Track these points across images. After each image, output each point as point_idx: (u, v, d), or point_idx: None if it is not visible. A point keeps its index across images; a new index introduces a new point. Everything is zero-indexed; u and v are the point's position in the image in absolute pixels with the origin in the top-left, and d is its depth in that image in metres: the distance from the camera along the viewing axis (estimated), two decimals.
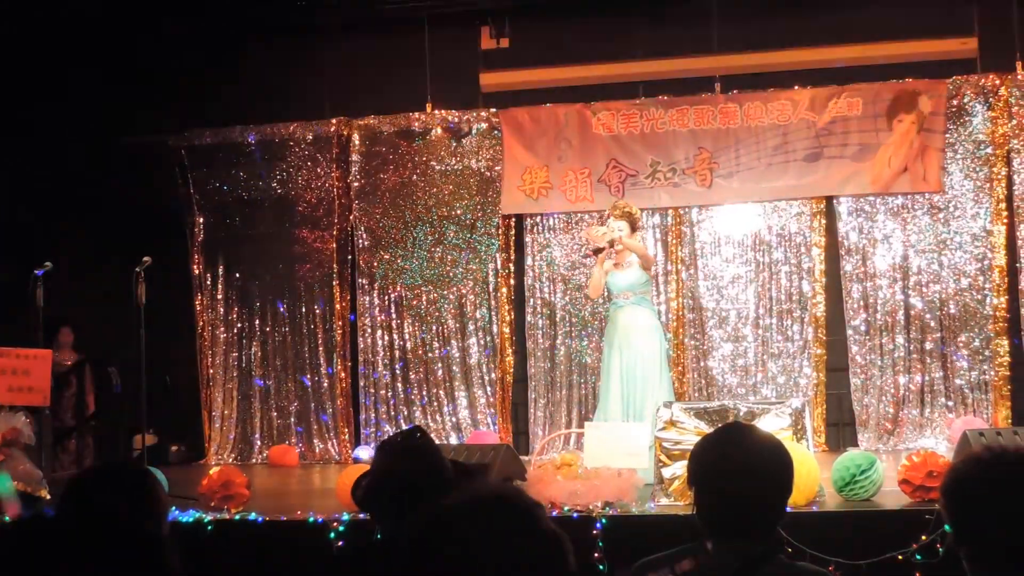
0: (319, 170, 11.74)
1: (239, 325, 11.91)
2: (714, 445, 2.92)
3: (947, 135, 10.61)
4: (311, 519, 6.90)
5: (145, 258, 8.85)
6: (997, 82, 10.53)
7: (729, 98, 10.94)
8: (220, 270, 11.93)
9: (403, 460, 3.49)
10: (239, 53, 11.60)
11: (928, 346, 10.73)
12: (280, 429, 11.75)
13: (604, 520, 6.45)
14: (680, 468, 6.75)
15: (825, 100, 10.74)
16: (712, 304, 11.10)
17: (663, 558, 2.90)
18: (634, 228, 8.67)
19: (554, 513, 6.61)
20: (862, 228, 10.88)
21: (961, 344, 10.66)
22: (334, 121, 11.65)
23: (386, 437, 3.76)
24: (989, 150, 10.61)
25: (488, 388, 11.42)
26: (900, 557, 6.08)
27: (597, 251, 8.53)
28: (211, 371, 11.88)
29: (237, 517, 7.08)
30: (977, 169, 10.66)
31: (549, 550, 1.94)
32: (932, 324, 10.74)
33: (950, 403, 10.65)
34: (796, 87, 10.85)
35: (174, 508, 7.09)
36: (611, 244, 8.51)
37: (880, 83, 10.69)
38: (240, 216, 11.92)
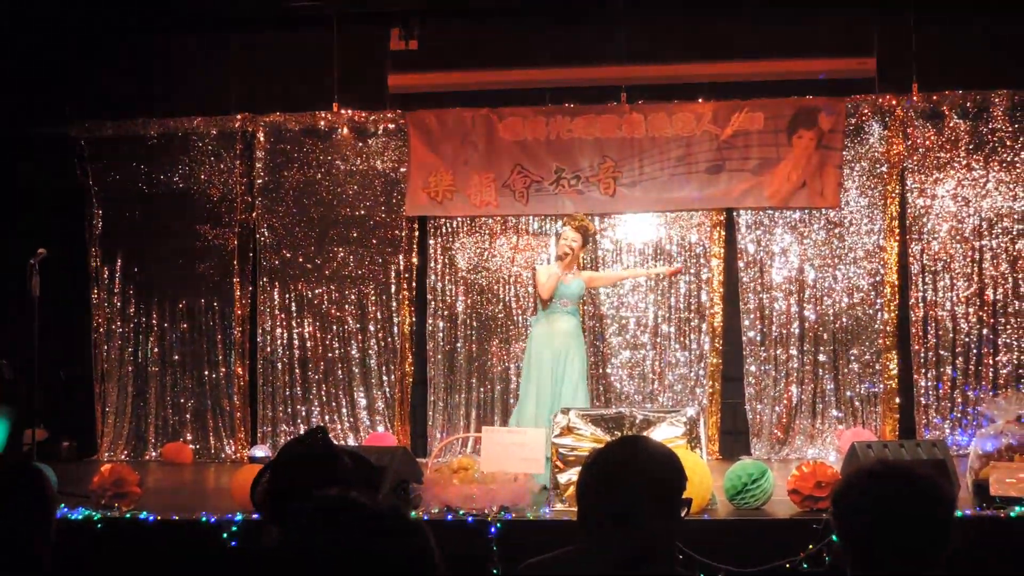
0: (222, 166, 11.60)
1: (136, 320, 11.72)
2: (605, 458, 2.94)
3: (845, 152, 10.84)
4: (204, 519, 6.82)
5: (40, 250, 8.69)
6: (894, 102, 10.78)
7: (634, 108, 11.04)
8: (118, 264, 11.72)
9: (303, 461, 3.50)
10: (143, 44, 11.45)
11: (821, 358, 10.96)
12: (175, 426, 11.59)
13: (499, 524, 6.48)
14: (575, 474, 6.80)
15: (728, 114, 10.91)
16: (612, 311, 11.21)
17: (548, 560, 2.94)
18: (585, 243, 9.01)
19: (449, 516, 6.63)
20: (760, 241, 11.07)
21: (852, 357, 10.91)
22: (239, 117, 11.51)
23: (289, 438, 3.78)
24: (884, 168, 10.86)
25: (387, 390, 11.40)
26: (788, 565, 6.19)
27: (561, 256, 8.82)
28: (106, 366, 11.66)
29: (128, 515, 6.97)
30: (873, 187, 10.90)
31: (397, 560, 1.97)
32: (825, 337, 10.97)
33: (840, 414, 10.88)
34: (700, 100, 11.00)
35: (63, 506, 6.97)
36: (569, 252, 8.76)
37: (782, 99, 10.88)
38: (140, 210, 11.71)
